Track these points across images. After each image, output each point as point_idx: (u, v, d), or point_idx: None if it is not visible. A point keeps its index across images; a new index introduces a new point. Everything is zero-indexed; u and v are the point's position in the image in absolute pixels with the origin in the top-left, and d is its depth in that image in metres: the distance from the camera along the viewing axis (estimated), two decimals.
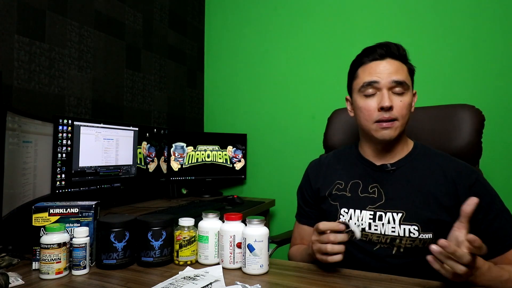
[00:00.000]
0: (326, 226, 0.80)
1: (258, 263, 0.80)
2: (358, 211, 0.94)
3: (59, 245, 0.79)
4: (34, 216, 0.84)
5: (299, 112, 2.27)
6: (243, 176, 2.37)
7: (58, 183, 1.37)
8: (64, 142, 1.39)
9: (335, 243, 0.78)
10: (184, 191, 2.19)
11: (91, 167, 1.52)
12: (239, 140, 2.35)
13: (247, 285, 0.73)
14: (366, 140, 1.00)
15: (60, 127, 1.37)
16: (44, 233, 0.80)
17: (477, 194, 0.87)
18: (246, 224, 0.84)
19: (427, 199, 0.89)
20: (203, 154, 2.23)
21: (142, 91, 2.03)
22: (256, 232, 0.81)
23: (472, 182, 0.88)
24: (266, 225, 0.85)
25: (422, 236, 0.87)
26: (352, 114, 1.01)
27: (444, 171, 0.91)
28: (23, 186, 1.10)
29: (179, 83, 2.35)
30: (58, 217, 0.85)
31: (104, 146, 1.58)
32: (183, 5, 2.38)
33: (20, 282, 0.75)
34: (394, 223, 0.89)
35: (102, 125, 1.57)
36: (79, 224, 0.87)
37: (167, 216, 0.93)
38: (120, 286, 0.75)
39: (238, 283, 0.75)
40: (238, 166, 2.35)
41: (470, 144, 1.12)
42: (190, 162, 2.18)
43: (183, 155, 2.15)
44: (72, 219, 0.86)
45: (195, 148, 2.20)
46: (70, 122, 1.41)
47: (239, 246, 0.84)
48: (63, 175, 1.39)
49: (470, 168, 0.92)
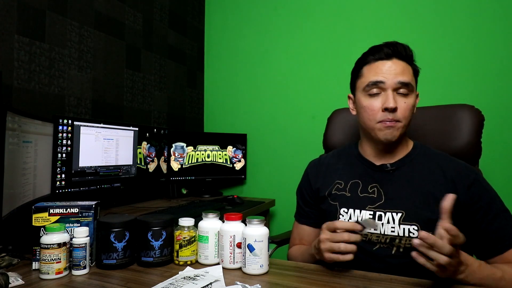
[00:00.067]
0: (343, 225, 0.79)
1: (258, 263, 0.80)
2: (357, 211, 0.94)
3: (59, 245, 0.79)
4: (34, 216, 0.84)
5: (299, 112, 2.27)
6: (243, 176, 2.37)
7: (58, 183, 1.37)
8: (64, 142, 1.39)
9: (348, 243, 0.78)
10: (184, 191, 2.19)
11: (91, 167, 1.52)
12: (239, 140, 2.35)
13: (247, 285, 0.73)
14: (367, 140, 0.99)
15: (60, 127, 1.37)
16: (44, 233, 0.80)
17: (476, 194, 0.87)
18: (246, 224, 0.84)
19: (427, 199, 0.89)
20: (203, 154, 2.23)
21: (142, 91, 2.04)
22: (256, 232, 0.81)
23: (471, 182, 0.88)
24: (266, 225, 0.85)
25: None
26: (354, 112, 1.01)
27: (443, 171, 0.91)
28: (23, 186, 1.10)
29: (179, 83, 2.35)
30: (58, 217, 0.86)
31: (104, 146, 1.58)
32: (183, 5, 2.38)
33: (20, 282, 0.75)
34: (394, 223, 0.89)
35: (102, 125, 1.57)
36: (79, 224, 0.87)
37: (167, 216, 0.93)
38: (120, 286, 0.75)
39: (238, 283, 0.75)
40: (238, 166, 2.35)
41: (469, 144, 1.12)
42: (190, 162, 2.18)
43: (183, 155, 2.15)
44: (72, 219, 0.86)
45: (195, 148, 2.20)
46: (70, 122, 1.41)
47: (239, 246, 0.84)
48: (63, 175, 1.39)
49: (469, 168, 0.92)
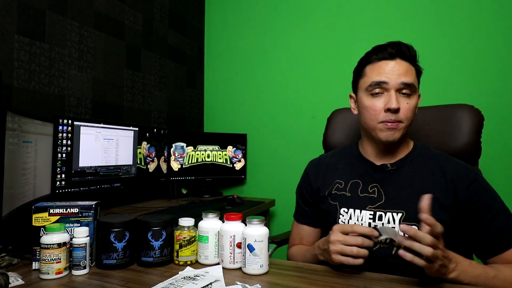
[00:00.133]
0: (361, 229, 0.78)
1: (258, 263, 0.80)
2: (358, 211, 0.94)
3: (59, 245, 0.79)
4: (34, 216, 0.84)
5: (299, 112, 2.27)
6: (243, 176, 2.37)
7: (58, 183, 1.37)
8: (64, 142, 1.39)
9: (361, 247, 0.77)
10: (184, 191, 2.19)
11: (91, 167, 1.52)
12: (239, 140, 2.35)
13: (247, 285, 0.73)
14: (368, 140, 0.99)
15: (60, 127, 1.37)
16: (44, 233, 0.80)
17: (475, 193, 0.87)
18: (246, 224, 0.84)
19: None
20: (203, 154, 2.23)
21: (142, 91, 2.04)
22: (256, 232, 0.81)
23: (470, 182, 0.88)
24: (266, 225, 0.85)
25: None
26: (356, 112, 1.00)
27: (443, 171, 0.91)
28: (23, 186, 1.10)
29: (179, 83, 2.35)
30: (58, 217, 0.86)
31: (104, 146, 1.58)
32: (183, 5, 2.38)
33: (20, 282, 0.75)
34: (394, 223, 0.89)
35: (102, 125, 1.57)
36: (79, 224, 0.87)
37: (167, 216, 0.93)
38: (120, 286, 0.75)
39: (238, 283, 0.75)
40: (238, 166, 2.35)
41: (469, 144, 1.12)
42: (190, 162, 2.18)
43: (183, 155, 2.15)
44: (72, 219, 0.86)
45: (195, 148, 2.20)
46: (70, 122, 1.41)
47: (239, 246, 0.84)
48: (63, 175, 1.39)
49: (468, 168, 0.92)
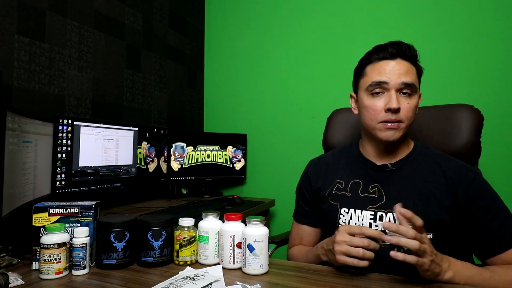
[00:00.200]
0: (370, 232, 0.77)
1: (258, 263, 0.80)
2: (358, 211, 0.94)
3: (59, 245, 0.79)
4: (34, 216, 0.84)
5: (299, 112, 2.27)
6: (243, 176, 2.37)
7: (58, 183, 1.37)
8: (64, 142, 1.39)
9: (367, 249, 0.77)
10: (184, 191, 2.19)
11: (91, 167, 1.52)
12: (239, 140, 2.35)
13: (247, 285, 0.73)
14: (369, 139, 0.99)
15: (60, 127, 1.37)
16: (44, 233, 0.80)
17: (474, 193, 0.87)
18: (246, 224, 0.84)
19: (428, 200, 0.89)
20: (203, 154, 2.23)
21: (142, 91, 2.03)
22: (256, 232, 0.81)
23: (470, 182, 0.88)
24: (266, 225, 0.85)
25: None
26: (356, 111, 1.00)
27: (444, 171, 0.91)
28: (23, 186, 1.10)
29: (179, 83, 2.35)
30: (58, 217, 0.85)
31: (104, 146, 1.58)
32: (183, 5, 2.38)
33: (20, 282, 0.75)
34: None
35: (102, 125, 1.57)
36: (79, 224, 0.87)
37: (167, 216, 0.93)
38: (120, 286, 0.75)
39: (238, 283, 0.75)
40: (238, 166, 2.35)
41: (469, 143, 1.12)
42: (190, 162, 2.18)
43: (183, 155, 2.15)
44: (72, 219, 0.86)
45: (195, 148, 2.20)
46: (70, 122, 1.41)
47: (239, 246, 0.84)
48: (63, 175, 1.39)
49: (469, 168, 0.92)
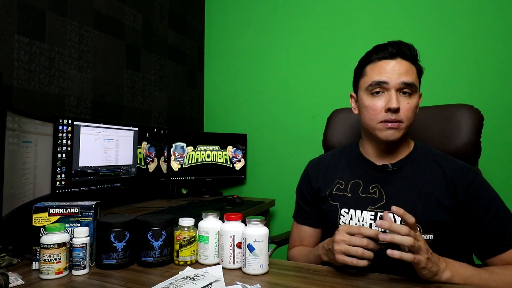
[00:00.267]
0: (367, 232, 0.77)
1: (258, 263, 0.80)
2: (358, 212, 0.94)
3: (59, 245, 0.79)
4: (34, 216, 0.84)
5: (299, 112, 2.27)
6: (243, 176, 2.37)
7: (58, 183, 1.37)
8: (64, 142, 1.39)
9: (366, 249, 0.76)
10: (184, 191, 2.19)
11: (91, 167, 1.52)
12: (239, 140, 2.35)
13: (247, 285, 0.73)
14: (369, 139, 0.99)
15: (60, 127, 1.37)
16: (44, 233, 0.80)
17: (474, 193, 0.87)
18: (246, 224, 0.84)
19: (428, 200, 0.89)
20: (203, 154, 2.23)
21: (142, 91, 2.03)
22: (256, 232, 0.81)
23: (470, 182, 0.88)
24: (266, 225, 0.85)
25: (423, 236, 0.86)
26: (356, 111, 1.00)
27: (444, 171, 0.91)
28: (23, 186, 1.10)
29: (179, 83, 2.35)
30: (58, 217, 0.85)
31: (104, 146, 1.58)
32: (183, 5, 2.38)
33: (20, 282, 0.75)
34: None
35: (102, 125, 1.57)
36: (79, 224, 0.87)
37: (167, 216, 0.93)
38: (120, 286, 0.75)
39: (238, 283, 0.75)
40: (238, 166, 2.35)
41: (469, 143, 1.12)
42: (190, 162, 2.18)
43: (183, 155, 2.15)
44: (72, 219, 0.86)
45: (195, 148, 2.20)
46: (70, 122, 1.41)
47: (239, 246, 0.84)
48: (63, 175, 1.39)
49: (469, 168, 0.92)
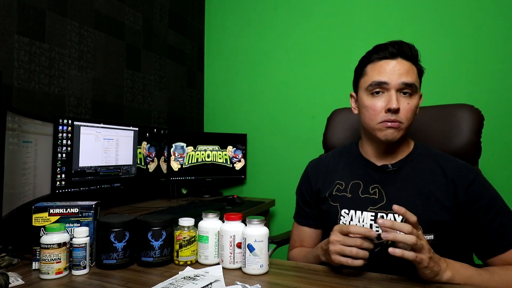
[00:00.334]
0: (358, 230, 0.77)
1: (258, 263, 0.80)
2: (359, 212, 0.94)
3: (59, 245, 0.79)
4: (34, 216, 0.84)
5: (299, 112, 2.27)
6: (243, 176, 2.37)
7: (58, 183, 1.37)
8: (64, 142, 1.39)
9: (361, 248, 0.76)
10: (184, 191, 2.19)
11: (91, 167, 1.52)
12: (239, 140, 2.35)
13: (247, 285, 0.73)
14: (368, 140, 0.99)
15: (60, 127, 1.37)
16: (44, 233, 0.80)
17: (475, 193, 0.87)
18: (246, 224, 0.84)
19: (429, 200, 0.89)
20: (203, 154, 2.23)
21: (142, 91, 2.03)
22: (256, 232, 0.81)
23: (471, 182, 0.88)
24: (266, 225, 0.85)
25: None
26: (356, 111, 1.00)
27: (444, 171, 0.91)
28: (23, 186, 1.10)
29: (179, 83, 2.35)
30: (58, 217, 0.85)
31: (104, 146, 1.58)
32: (183, 5, 2.38)
33: (20, 282, 0.75)
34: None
35: (102, 125, 1.57)
36: (79, 224, 0.87)
37: (167, 216, 0.93)
38: (120, 286, 0.75)
39: (238, 283, 0.75)
40: (238, 166, 2.35)
41: (469, 143, 1.12)
42: (190, 162, 2.18)
43: (183, 155, 2.15)
44: (72, 219, 0.86)
45: (195, 148, 2.20)
46: (70, 122, 1.41)
47: (239, 246, 0.84)
48: (63, 175, 1.39)
49: (469, 168, 0.92)
